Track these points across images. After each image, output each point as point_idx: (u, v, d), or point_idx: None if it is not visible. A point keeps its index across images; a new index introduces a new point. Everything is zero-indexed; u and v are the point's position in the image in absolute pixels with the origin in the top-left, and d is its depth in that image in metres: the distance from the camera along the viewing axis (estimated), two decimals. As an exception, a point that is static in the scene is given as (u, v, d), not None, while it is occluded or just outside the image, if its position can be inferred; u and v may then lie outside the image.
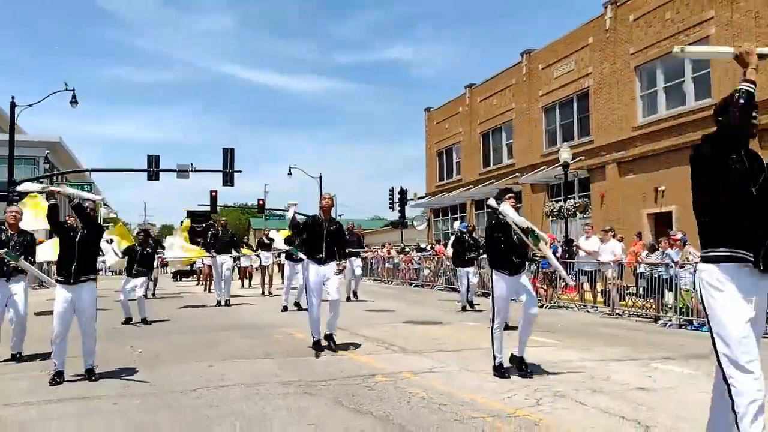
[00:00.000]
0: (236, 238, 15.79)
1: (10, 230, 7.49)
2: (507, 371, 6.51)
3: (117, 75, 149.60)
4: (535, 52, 27.28)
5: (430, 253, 24.02)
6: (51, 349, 6.43)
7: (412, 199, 39.19)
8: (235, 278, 17.84)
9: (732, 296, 3.32)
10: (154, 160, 30.86)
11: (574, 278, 14.83)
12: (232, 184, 31.84)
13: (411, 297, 17.51)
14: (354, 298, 16.02)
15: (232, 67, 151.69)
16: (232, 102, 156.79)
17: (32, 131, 40.77)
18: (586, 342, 9.19)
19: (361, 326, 10.45)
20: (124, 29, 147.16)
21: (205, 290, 20.09)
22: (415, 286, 22.76)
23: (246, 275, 21.70)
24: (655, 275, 12.53)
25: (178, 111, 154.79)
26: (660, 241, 13.10)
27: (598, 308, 14.36)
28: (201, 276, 21.97)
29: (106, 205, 45.09)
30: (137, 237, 12.49)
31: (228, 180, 31.65)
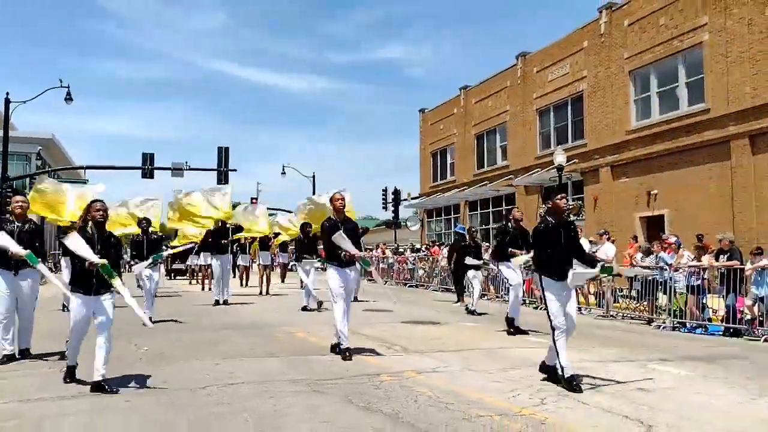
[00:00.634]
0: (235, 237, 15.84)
1: (16, 220, 7.38)
2: (579, 384, 6.06)
3: (110, 71, 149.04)
4: (530, 54, 27.50)
5: (425, 254, 24.17)
6: (56, 346, 6.48)
7: (406, 200, 39.34)
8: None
9: None
10: (148, 158, 30.91)
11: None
12: (227, 183, 31.88)
13: (406, 297, 17.64)
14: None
15: (226, 64, 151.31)
16: (224, 100, 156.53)
17: (24, 128, 40.63)
18: (583, 343, 9.33)
19: (362, 326, 10.57)
20: (118, 25, 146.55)
21: (202, 289, 20.14)
22: (409, 286, 22.90)
23: (244, 274, 21.76)
24: (649, 278, 12.73)
25: (170, 108, 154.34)
26: (654, 244, 13.30)
27: (591, 310, 14.55)
28: (197, 274, 22.00)
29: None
30: (139, 225, 12.49)
31: (222, 178, 31.73)
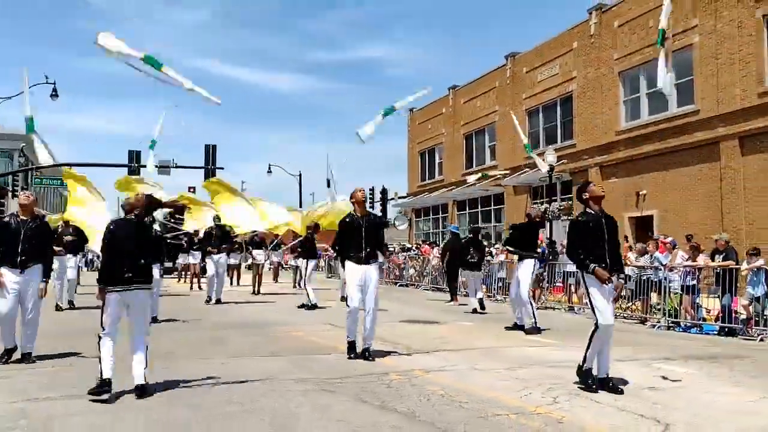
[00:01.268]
0: (231, 236, 15.69)
1: (22, 215, 7.11)
2: (594, 383, 5.94)
3: (92, 67, 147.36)
4: (519, 55, 27.58)
5: (416, 253, 24.16)
6: (59, 345, 6.37)
7: (393, 199, 39.31)
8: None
9: None
10: (135, 156, 30.57)
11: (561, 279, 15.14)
12: (214, 181, 31.67)
13: (397, 296, 17.61)
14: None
15: (208, 61, 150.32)
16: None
17: (6, 124, 40.09)
18: (582, 343, 9.35)
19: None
20: (99, 20, 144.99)
21: (191, 288, 19.96)
22: (399, 285, 22.88)
23: (234, 273, 21.62)
24: (643, 278, 12.81)
25: (151, 105, 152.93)
26: (649, 243, 13.39)
27: (584, 309, 14.61)
28: (187, 273, 21.80)
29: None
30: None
31: (210, 176, 31.44)
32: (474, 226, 16.18)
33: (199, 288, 19.01)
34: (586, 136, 23.30)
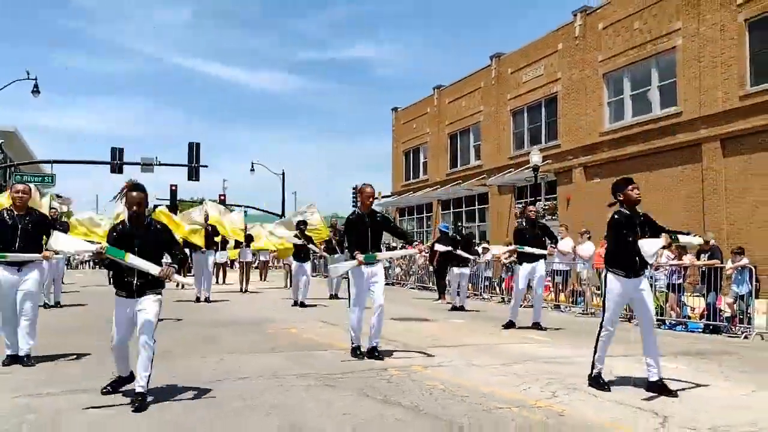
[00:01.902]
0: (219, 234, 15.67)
1: (17, 211, 6.74)
2: (606, 383, 5.92)
3: (70, 64, 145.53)
4: (504, 56, 27.79)
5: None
6: (57, 342, 6.33)
7: (377, 198, 39.37)
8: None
9: None
10: (117, 153, 30.36)
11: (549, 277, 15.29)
12: (198, 179, 31.62)
13: (386, 295, 17.64)
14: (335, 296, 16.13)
15: (191, 59, 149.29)
16: (189, 95, 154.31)
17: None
18: (573, 339, 9.52)
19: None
20: (80, 18, 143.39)
21: (177, 286, 19.82)
22: (386, 284, 22.92)
23: (221, 271, 21.56)
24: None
25: (133, 103, 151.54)
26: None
27: (570, 308, 14.80)
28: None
29: (59, 196, 43.92)
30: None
31: (193, 174, 31.35)
32: (466, 231, 16.21)
33: (182, 287, 18.89)
34: (571, 137, 23.55)
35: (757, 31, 17.22)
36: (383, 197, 38.79)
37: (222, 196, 48.59)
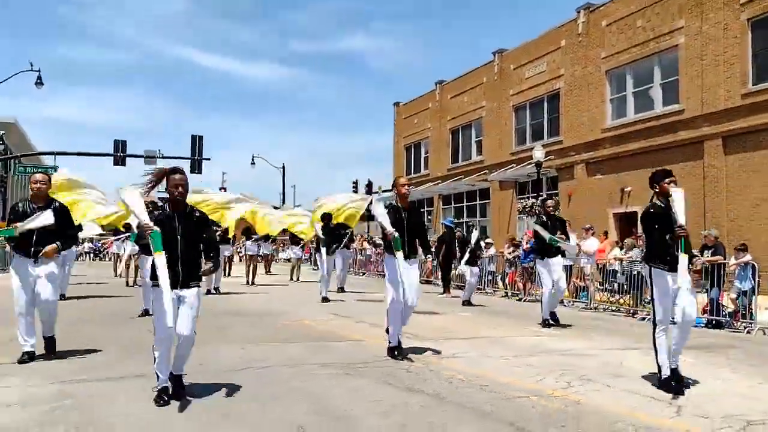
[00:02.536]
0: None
1: (35, 201, 6.63)
2: (681, 386, 5.68)
3: (66, 55, 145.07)
4: (507, 51, 27.93)
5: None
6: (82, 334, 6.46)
7: (377, 192, 39.56)
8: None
9: None
10: (120, 145, 30.45)
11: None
12: (200, 172, 31.81)
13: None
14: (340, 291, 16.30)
15: (188, 50, 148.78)
16: (186, 87, 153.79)
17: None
18: (580, 333, 9.73)
19: (364, 314, 10.80)
20: (72, 4, 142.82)
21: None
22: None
23: (226, 264, 21.71)
24: (634, 272, 13.23)
25: (130, 94, 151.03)
26: (638, 238, 13.81)
27: (573, 303, 15.01)
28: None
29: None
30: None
31: (196, 167, 31.50)
32: (477, 231, 16.11)
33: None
34: (573, 133, 23.73)
35: (760, 30, 17.40)
36: (384, 191, 38.99)
37: (223, 189, 48.67)
